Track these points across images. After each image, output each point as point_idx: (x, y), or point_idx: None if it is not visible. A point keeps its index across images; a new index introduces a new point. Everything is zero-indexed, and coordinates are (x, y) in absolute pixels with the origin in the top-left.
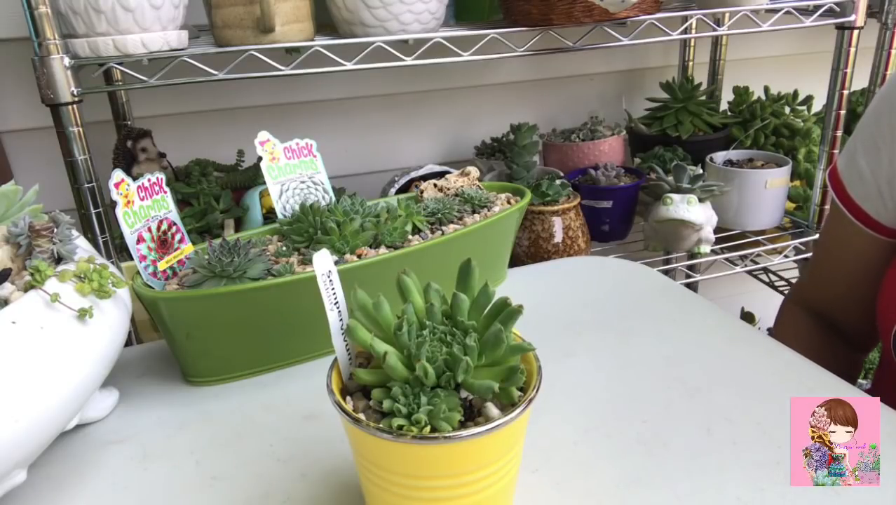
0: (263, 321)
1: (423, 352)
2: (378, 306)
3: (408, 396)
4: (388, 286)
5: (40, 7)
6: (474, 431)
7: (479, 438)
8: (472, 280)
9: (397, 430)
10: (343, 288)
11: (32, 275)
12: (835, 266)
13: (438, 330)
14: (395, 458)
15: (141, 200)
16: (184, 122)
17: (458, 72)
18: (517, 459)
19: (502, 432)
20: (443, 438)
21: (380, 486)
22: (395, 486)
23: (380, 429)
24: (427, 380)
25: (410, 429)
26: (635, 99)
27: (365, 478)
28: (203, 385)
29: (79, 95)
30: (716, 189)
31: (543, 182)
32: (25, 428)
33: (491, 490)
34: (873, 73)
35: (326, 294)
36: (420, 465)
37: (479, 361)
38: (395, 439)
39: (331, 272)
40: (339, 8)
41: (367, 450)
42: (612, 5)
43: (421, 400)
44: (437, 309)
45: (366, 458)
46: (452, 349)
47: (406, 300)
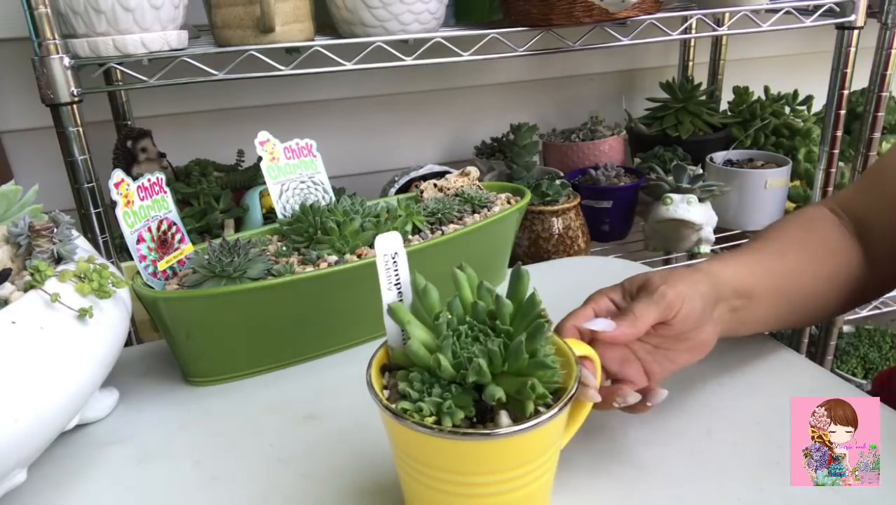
0: (263, 321)
1: (446, 344)
2: (425, 292)
3: (424, 384)
4: None
5: (40, 7)
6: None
7: (490, 441)
8: (523, 286)
9: (402, 411)
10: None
11: (32, 275)
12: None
13: (477, 328)
14: (416, 446)
15: (141, 200)
16: (184, 122)
17: (458, 72)
18: (551, 463)
19: (528, 436)
20: (447, 432)
21: (404, 469)
22: (418, 473)
23: (393, 412)
24: (441, 372)
25: (412, 415)
26: (635, 99)
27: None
28: (203, 385)
29: (79, 95)
30: (716, 189)
31: (543, 182)
32: (25, 428)
33: (519, 492)
34: (873, 73)
35: (385, 275)
36: (442, 457)
37: (503, 368)
38: (400, 422)
39: (396, 254)
40: (339, 8)
41: (391, 432)
42: (612, 5)
43: (433, 390)
44: (483, 308)
45: (393, 442)
46: (473, 350)
47: (456, 293)
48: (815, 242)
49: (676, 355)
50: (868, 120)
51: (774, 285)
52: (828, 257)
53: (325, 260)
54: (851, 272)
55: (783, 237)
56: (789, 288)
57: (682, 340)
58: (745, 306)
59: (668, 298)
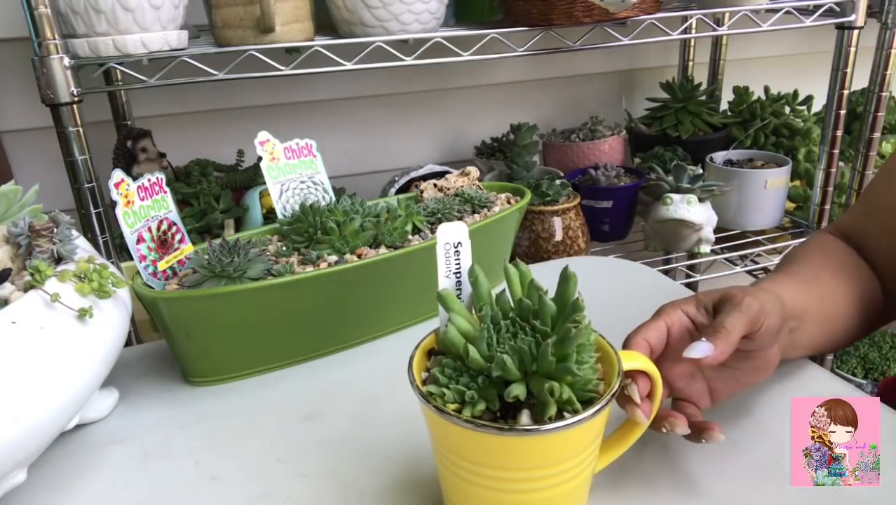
0: (263, 321)
1: (480, 337)
2: (476, 283)
3: (455, 371)
4: (388, 285)
5: (40, 7)
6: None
7: (504, 437)
8: (570, 289)
9: (428, 394)
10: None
11: (32, 275)
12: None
13: (518, 324)
14: (439, 430)
15: (141, 200)
16: (184, 122)
17: (458, 72)
18: (577, 471)
19: (545, 438)
20: (464, 421)
21: (434, 448)
22: (441, 455)
23: (420, 392)
24: (469, 362)
25: (436, 399)
26: (635, 99)
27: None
28: (203, 385)
29: (79, 95)
30: (716, 189)
31: (543, 182)
32: (25, 428)
33: (541, 494)
34: (873, 73)
35: (444, 262)
36: (461, 445)
37: (533, 368)
38: (424, 404)
39: (460, 244)
40: (339, 8)
41: (422, 413)
42: (612, 5)
43: (461, 379)
44: (528, 306)
45: (431, 433)
46: (506, 345)
47: (507, 287)
48: (837, 266)
49: (742, 375)
50: (868, 120)
51: (818, 308)
52: (852, 279)
53: (325, 260)
54: (873, 294)
55: (811, 260)
56: (827, 310)
57: (750, 359)
58: (797, 328)
59: (754, 310)
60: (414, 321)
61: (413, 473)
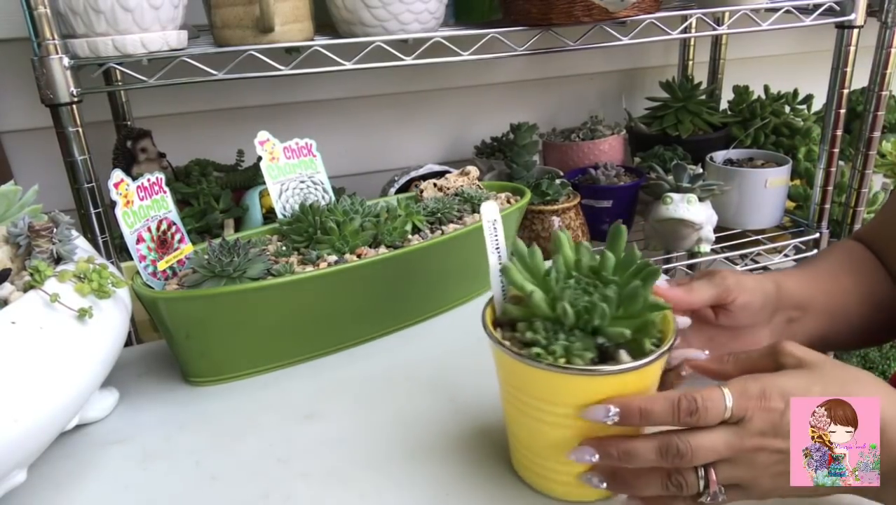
0: (263, 321)
1: (566, 295)
2: (532, 254)
3: (548, 332)
4: (389, 285)
5: (40, 7)
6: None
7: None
8: (620, 242)
9: (535, 356)
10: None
11: (32, 275)
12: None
13: (583, 280)
14: (532, 382)
15: (140, 200)
16: (184, 122)
17: (458, 71)
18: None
19: (632, 375)
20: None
21: (519, 408)
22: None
23: (521, 354)
24: (566, 319)
25: (545, 357)
26: (635, 98)
27: (506, 402)
28: (203, 385)
29: (78, 95)
30: (716, 188)
31: (543, 182)
32: (25, 428)
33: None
34: (873, 73)
35: (490, 239)
36: (554, 391)
37: (617, 313)
38: (534, 364)
39: (496, 221)
40: (339, 8)
41: (509, 374)
42: (611, 5)
43: (559, 336)
44: (585, 263)
45: (509, 382)
46: (593, 298)
47: (557, 252)
48: (853, 267)
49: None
50: (868, 119)
51: (826, 303)
52: (869, 282)
53: (325, 260)
54: (892, 300)
55: (832, 260)
56: (835, 305)
57: (736, 339)
58: (798, 319)
59: (727, 283)
60: (414, 321)
61: (413, 472)
